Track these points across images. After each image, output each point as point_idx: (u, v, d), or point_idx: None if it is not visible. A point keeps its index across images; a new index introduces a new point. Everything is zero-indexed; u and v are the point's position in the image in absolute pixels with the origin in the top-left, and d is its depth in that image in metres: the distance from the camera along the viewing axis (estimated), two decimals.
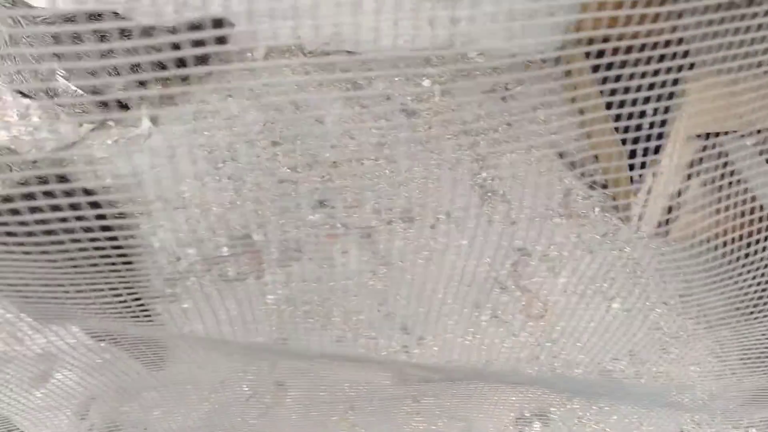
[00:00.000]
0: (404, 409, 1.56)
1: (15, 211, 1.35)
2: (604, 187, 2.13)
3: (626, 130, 1.81)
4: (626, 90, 1.29)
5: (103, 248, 1.78)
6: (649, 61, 1.44)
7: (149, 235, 1.94)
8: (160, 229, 1.98)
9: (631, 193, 1.98)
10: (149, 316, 1.72)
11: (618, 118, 1.61)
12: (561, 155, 2.24)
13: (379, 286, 1.89)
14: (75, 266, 1.35)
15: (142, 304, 1.75)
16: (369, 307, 1.83)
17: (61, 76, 2.08)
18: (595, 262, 1.93)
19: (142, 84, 2.07)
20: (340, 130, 2.33)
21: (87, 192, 2.13)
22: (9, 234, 1.27)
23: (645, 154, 1.90)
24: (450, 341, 1.74)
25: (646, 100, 1.40)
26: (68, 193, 1.95)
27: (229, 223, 2.02)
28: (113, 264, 1.76)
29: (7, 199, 1.68)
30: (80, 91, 2.12)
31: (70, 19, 2.08)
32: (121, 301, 1.51)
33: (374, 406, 1.56)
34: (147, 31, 2.30)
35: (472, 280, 1.88)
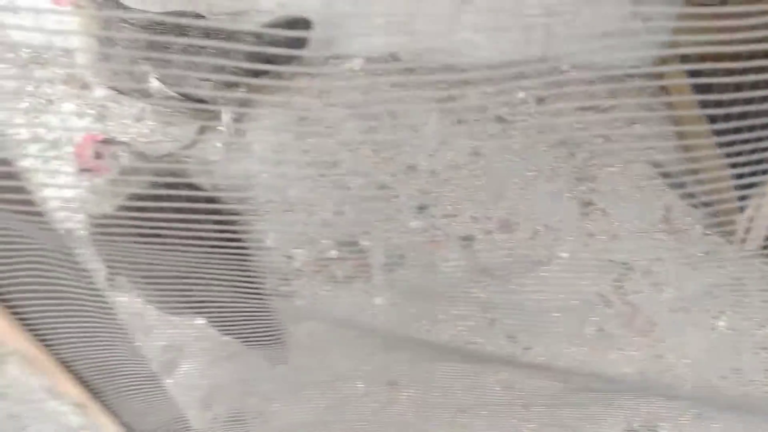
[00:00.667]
0: (515, 416, 1.60)
1: (144, 209, 1.45)
2: (706, 204, 2.12)
3: (731, 145, 1.80)
4: (732, 103, 1.30)
5: (224, 244, 1.88)
6: (759, 71, 1.44)
7: (262, 235, 2.04)
8: (271, 231, 2.07)
9: (735, 212, 1.97)
10: (268, 309, 1.80)
11: (722, 134, 1.61)
12: (659, 169, 2.24)
13: (481, 294, 1.94)
14: (200, 261, 1.44)
15: (261, 298, 1.83)
16: (473, 313, 1.88)
17: (156, 78, 2.18)
18: (698, 279, 1.93)
19: (228, 86, 2.17)
20: (436, 139, 2.38)
21: (205, 191, 2.24)
22: (139, 233, 1.37)
23: (752, 172, 1.88)
24: (557, 352, 1.77)
25: (755, 116, 1.40)
26: (191, 193, 2.06)
27: (335, 228, 2.10)
28: (235, 259, 1.85)
29: (137, 197, 1.80)
30: (171, 93, 2.20)
31: (159, 22, 2.17)
32: (243, 295, 1.59)
33: (485, 410, 1.60)
34: (231, 35, 2.40)
35: (575, 293, 1.91)
